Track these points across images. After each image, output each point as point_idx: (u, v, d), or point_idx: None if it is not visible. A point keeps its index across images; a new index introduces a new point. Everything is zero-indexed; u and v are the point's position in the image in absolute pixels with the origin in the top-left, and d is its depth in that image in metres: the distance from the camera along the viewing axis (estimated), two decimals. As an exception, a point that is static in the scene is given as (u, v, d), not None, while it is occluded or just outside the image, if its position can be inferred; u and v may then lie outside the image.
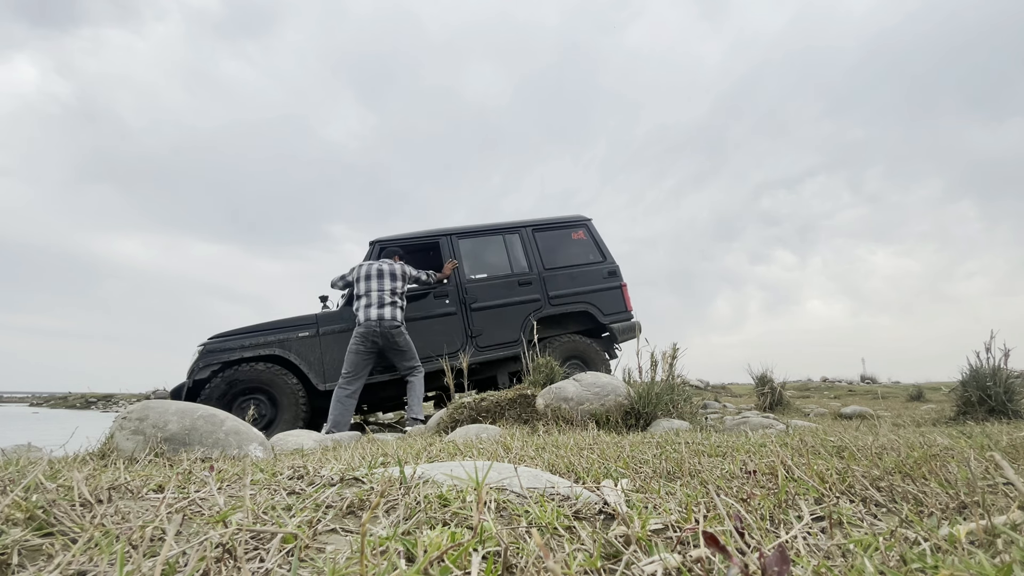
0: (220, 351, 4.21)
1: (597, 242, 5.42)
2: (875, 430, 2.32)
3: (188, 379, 4.18)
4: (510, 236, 5.20)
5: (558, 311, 5.01)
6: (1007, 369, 3.26)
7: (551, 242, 5.28)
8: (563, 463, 1.31)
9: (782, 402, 5.67)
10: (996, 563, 0.55)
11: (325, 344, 4.44)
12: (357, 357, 4.05)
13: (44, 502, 0.72)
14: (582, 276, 5.20)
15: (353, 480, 1.02)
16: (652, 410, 2.98)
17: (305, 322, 4.49)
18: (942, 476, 1.03)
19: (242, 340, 4.28)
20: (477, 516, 0.60)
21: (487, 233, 5.16)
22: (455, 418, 3.17)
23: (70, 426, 2.17)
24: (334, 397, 3.98)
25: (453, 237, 5.00)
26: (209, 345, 4.24)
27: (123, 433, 1.94)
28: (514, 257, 5.13)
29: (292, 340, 4.38)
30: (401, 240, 4.87)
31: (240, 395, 4.15)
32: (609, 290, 5.22)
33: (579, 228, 5.43)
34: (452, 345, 4.69)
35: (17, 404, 20.79)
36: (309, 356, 4.38)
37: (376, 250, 4.74)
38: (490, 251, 5.14)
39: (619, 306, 5.21)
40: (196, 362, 4.18)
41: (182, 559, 0.60)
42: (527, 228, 5.25)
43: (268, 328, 4.40)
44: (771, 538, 0.72)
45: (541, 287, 5.04)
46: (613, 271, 5.32)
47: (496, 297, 4.91)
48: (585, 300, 5.11)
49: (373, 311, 4.08)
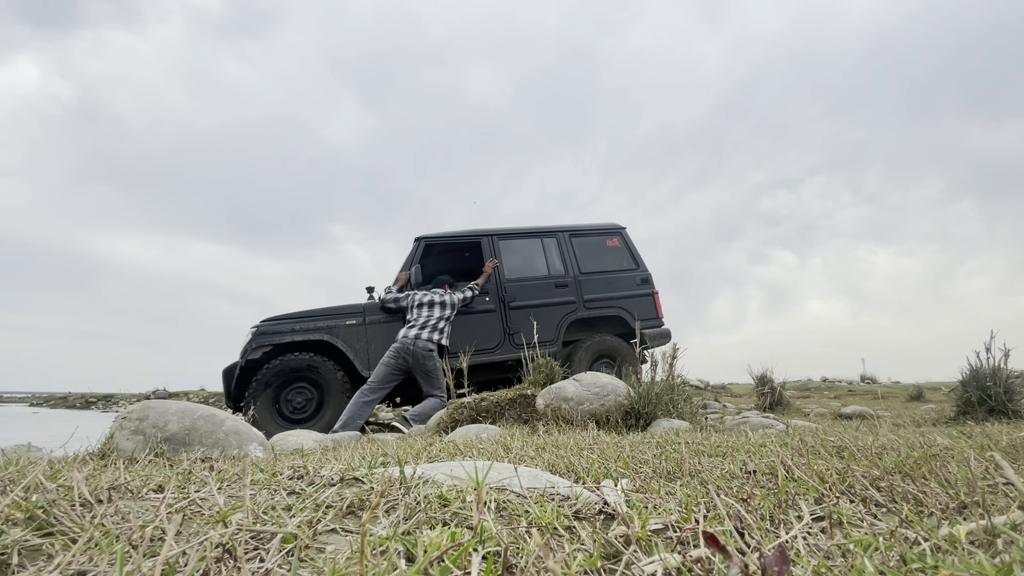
0: (272, 333, 4.38)
1: (631, 250, 5.60)
2: (875, 430, 2.32)
3: (241, 359, 4.34)
4: (548, 240, 5.39)
5: (592, 314, 5.18)
6: (1007, 369, 3.25)
7: (587, 248, 5.47)
8: (563, 463, 1.31)
9: (782, 402, 5.67)
10: (996, 563, 0.55)
11: (371, 333, 4.62)
12: (386, 370, 4.16)
13: (44, 502, 0.72)
14: (616, 282, 5.38)
15: (353, 480, 1.02)
16: (652, 410, 2.98)
17: (353, 311, 4.67)
18: (942, 476, 1.03)
19: (293, 324, 4.46)
20: (477, 516, 0.60)
21: (526, 236, 5.35)
22: (455, 418, 3.17)
23: (70, 426, 2.17)
24: (353, 399, 4.05)
25: (494, 238, 5.19)
26: (262, 327, 4.41)
27: (123, 433, 1.94)
28: (551, 260, 5.31)
29: (340, 327, 4.55)
30: (445, 238, 5.07)
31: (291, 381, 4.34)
32: (642, 296, 5.40)
33: (614, 236, 5.62)
34: (490, 341, 4.86)
35: (17, 404, 20.79)
36: (355, 344, 4.55)
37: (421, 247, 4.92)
38: (529, 253, 5.32)
39: (651, 312, 5.37)
40: (249, 343, 4.34)
41: (182, 559, 0.60)
42: (564, 233, 5.45)
43: (318, 314, 4.57)
44: (771, 538, 0.72)
45: (576, 290, 5.21)
46: (646, 279, 5.49)
47: (533, 297, 5.08)
48: (618, 305, 5.28)
49: (413, 331, 4.25)
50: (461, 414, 3.18)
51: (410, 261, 4.87)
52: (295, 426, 4.24)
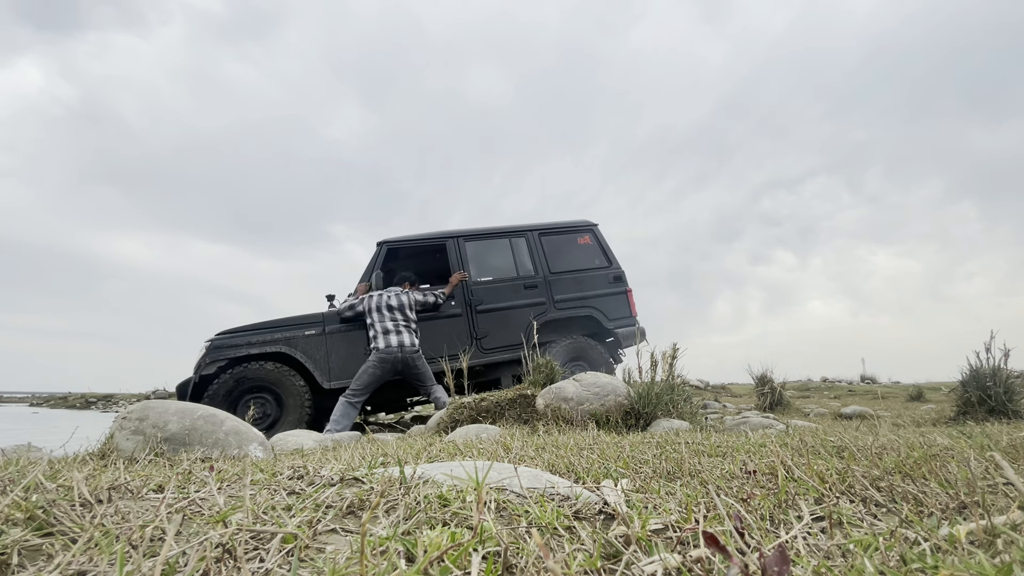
0: (227, 347, 4.24)
1: (603, 247, 5.44)
2: (875, 430, 2.32)
3: (195, 374, 4.21)
4: (516, 240, 5.22)
5: (563, 315, 5.03)
6: (1007, 369, 3.25)
7: (557, 246, 5.31)
8: (563, 463, 1.31)
9: (782, 402, 5.66)
10: (996, 563, 0.55)
11: (331, 343, 4.47)
12: (371, 379, 4.11)
13: (44, 502, 0.72)
14: (587, 281, 5.23)
15: (353, 480, 1.02)
16: (652, 410, 2.98)
17: (311, 320, 4.52)
18: (942, 476, 1.03)
19: (249, 337, 4.31)
20: (477, 516, 0.60)
21: (493, 236, 5.18)
22: (455, 418, 3.17)
23: (70, 426, 2.17)
24: (339, 403, 4.03)
25: (460, 240, 5.01)
26: (216, 341, 4.26)
27: (123, 433, 1.94)
28: (520, 261, 5.15)
29: (298, 338, 4.41)
30: (408, 241, 4.90)
31: (246, 393, 4.18)
32: (614, 295, 5.25)
33: (585, 233, 5.46)
34: (456, 346, 4.69)
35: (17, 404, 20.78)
36: (315, 354, 4.41)
37: (383, 251, 4.76)
38: (496, 254, 5.16)
39: (624, 311, 5.23)
40: (203, 357, 4.21)
41: (182, 559, 0.60)
42: (533, 232, 5.28)
43: (275, 325, 4.42)
44: (771, 538, 0.72)
45: (547, 291, 5.06)
46: (618, 276, 5.35)
47: (502, 300, 4.94)
48: (590, 305, 5.13)
49: (393, 338, 4.18)
50: (461, 414, 3.18)
51: (371, 267, 4.69)
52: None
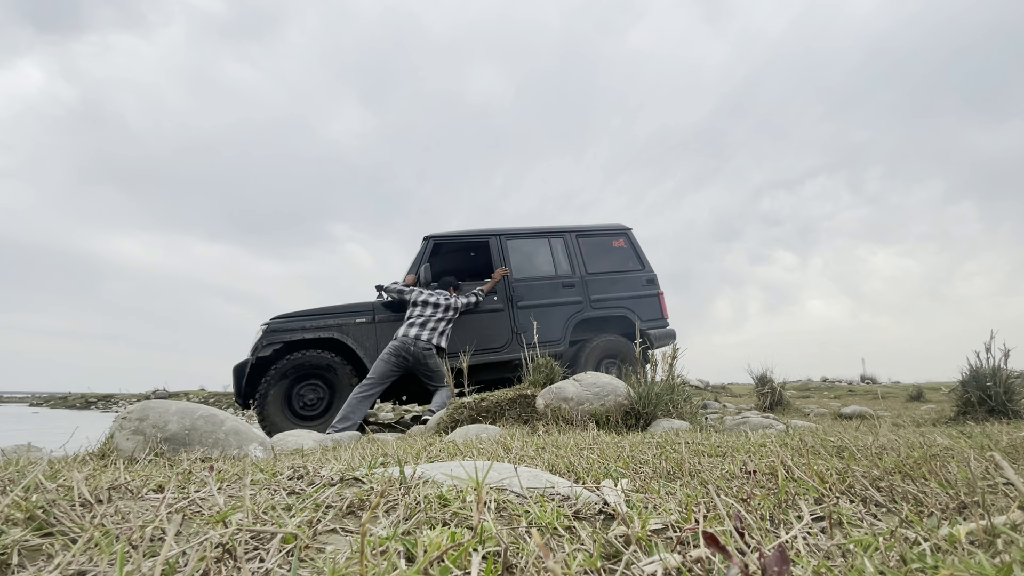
0: (283, 330, 4.40)
1: (637, 251, 5.63)
2: (875, 430, 2.32)
3: (252, 356, 4.36)
4: (555, 240, 5.42)
5: (598, 314, 5.20)
6: (1007, 369, 3.25)
7: (593, 248, 5.50)
8: (563, 463, 1.31)
9: (782, 402, 5.66)
10: (996, 563, 0.55)
11: (381, 331, 4.64)
12: (385, 367, 4.17)
13: (44, 502, 0.72)
14: (622, 282, 5.40)
15: (353, 480, 1.02)
16: (652, 410, 2.98)
17: (363, 309, 4.70)
18: (942, 476, 1.03)
19: (303, 322, 4.47)
20: (477, 516, 0.60)
21: (534, 236, 5.37)
22: (455, 418, 3.17)
23: (70, 426, 2.17)
24: (351, 396, 4.07)
25: (502, 238, 5.21)
26: (272, 324, 4.43)
27: (123, 433, 1.94)
28: (558, 260, 5.34)
29: (350, 325, 4.58)
30: (453, 237, 5.09)
31: (301, 379, 4.38)
32: (647, 297, 5.43)
33: (620, 236, 5.65)
34: (498, 340, 4.88)
35: (17, 404, 20.78)
36: (365, 342, 4.57)
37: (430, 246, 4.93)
38: (536, 253, 5.35)
39: (656, 313, 5.41)
40: (260, 340, 4.36)
41: (182, 559, 0.60)
42: (571, 233, 5.48)
43: (328, 312, 4.59)
44: (771, 538, 0.72)
45: (583, 290, 5.24)
46: (651, 279, 5.52)
47: (541, 297, 5.11)
48: (624, 305, 5.30)
49: (412, 330, 4.26)
50: (461, 414, 3.18)
51: (419, 261, 4.88)
52: (306, 423, 4.29)
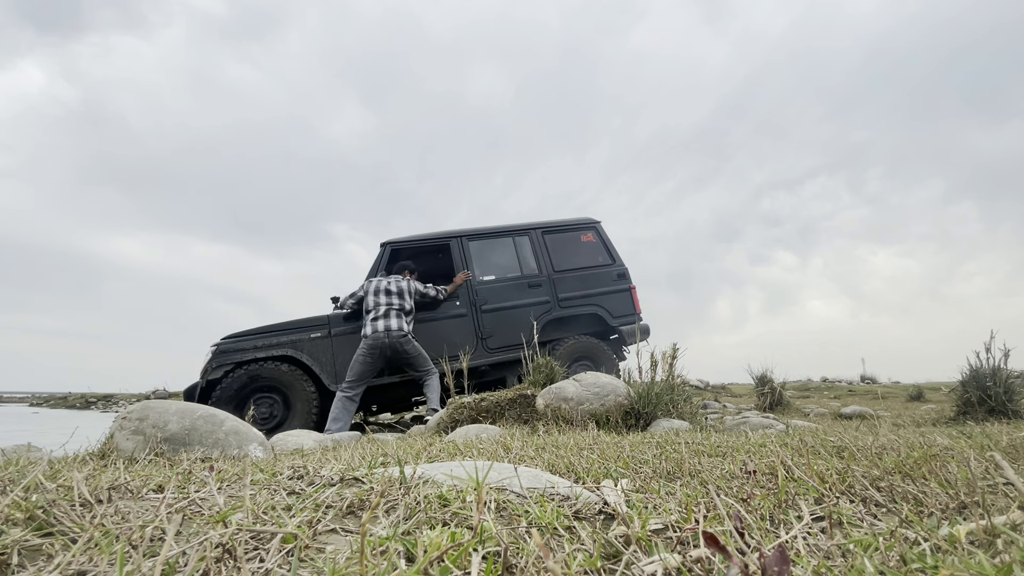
0: (233, 351, 4.23)
1: (606, 245, 5.45)
2: (875, 430, 2.32)
3: (201, 379, 4.21)
4: (520, 238, 5.23)
5: (568, 313, 5.04)
6: (1007, 369, 3.25)
7: (561, 244, 5.32)
8: (563, 463, 1.31)
9: (782, 402, 5.66)
10: (996, 563, 0.55)
11: (337, 345, 4.47)
12: (363, 367, 4.13)
13: (44, 502, 0.72)
14: (591, 279, 5.24)
15: (353, 480, 1.02)
16: (652, 410, 2.98)
17: (317, 323, 4.52)
18: (942, 476, 1.03)
19: (255, 340, 4.31)
20: (477, 516, 0.60)
21: (497, 235, 5.18)
22: (455, 418, 3.17)
23: (70, 426, 2.17)
24: (336, 398, 4.05)
25: (463, 239, 5.01)
26: (222, 345, 4.26)
27: (123, 433, 1.94)
28: (524, 259, 5.16)
29: (304, 341, 4.41)
30: (411, 242, 4.90)
31: (253, 395, 4.17)
32: (618, 292, 5.27)
33: (588, 231, 5.46)
34: (462, 347, 4.70)
35: (17, 404, 20.78)
36: (321, 357, 4.41)
37: (387, 252, 4.76)
38: (500, 253, 5.17)
39: (628, 309, 5.25)
40: (209, 362, 4.20)
41: (182, 559, 0.60)
42: (537, 230, 5.28)
43: (280, 329, 4.42)
44: (771, 538, 0.72)
45: (551, 289, 5.07)
46: (622, 274, 5.36)
47: (506, 299, 4.94)
48: (594, 302, 5.15)
49: (380, 323, 4.17)
50: (461, 414, 3.18)
51: (376, 268, 4.71)
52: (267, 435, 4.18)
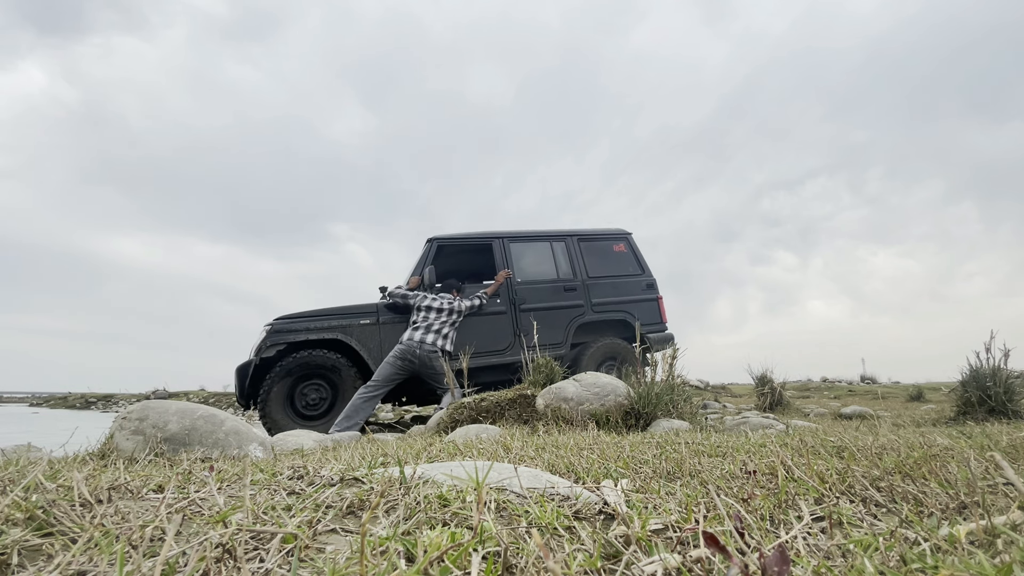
0: (287, 331, 4.40)
1: (636, 255, 5.71)
2: (875, 430, 2.32)
3: (255, 356, 4.35)
4: (557, 243, 5.49)
5: (599, 318, 5.27)
6: (1007, 369, 3.25)
7: (594, 252, 5.58)
8: (563, 463, 1.31)
9: (782, 402, 5.66)
10: (996, 563, 0.55)
11: (384, 332, 4.65)
12: (391, 370, 4.21)
13: (44, 502, 0.72)
14: (622, 286, 5.49)
15: (353, 480, 1.02)
16: (652, 410, 2.98)
17: (367, 310, 4.71)
18: (942, 476, 1.03)
19: (307, 323, 4.48)
20: (477, 516, 0.60)
21: (536, 239, 5.44)
22: (455, 418, 3.16)
23: (70, 426, 2.17)
24: (355, 397, 4.09)
25: (505, 240, 5.27)
26: (276, 325, 4.42)
27: (123, 433, 1.94)
28: (560, 264, 5.41)
29: (354, 326, 4.59)
30: (456, 239, 5.13)
31: (304, 379, 4.37)
32: (647, 301, 5.52)
33: (620, 241, 5.74)
34: (501, 342, 4.93)
35: (17, 404, 20.78)
36: (369, 343, 4.58)
37: (433, 248, 4.97)
38: (539, 256, 5.41)
39: (655, 317, 5.49)
40: (263, 340, 4.36)
41: (182, 559, 0.60)
42: (573, 237, 5.55)
43: (332, 313, 4.60)
44: (771, 538, 0.72)
45: (585, 294, 5.31)
46: (651, 284, 5.61)
47: (543, 300, 5.17)
48: (624, 309, 5.38)
49: (419, 334, 4.32)
50: (461, 414, 3.18)
51: (422, 263, 4.91)
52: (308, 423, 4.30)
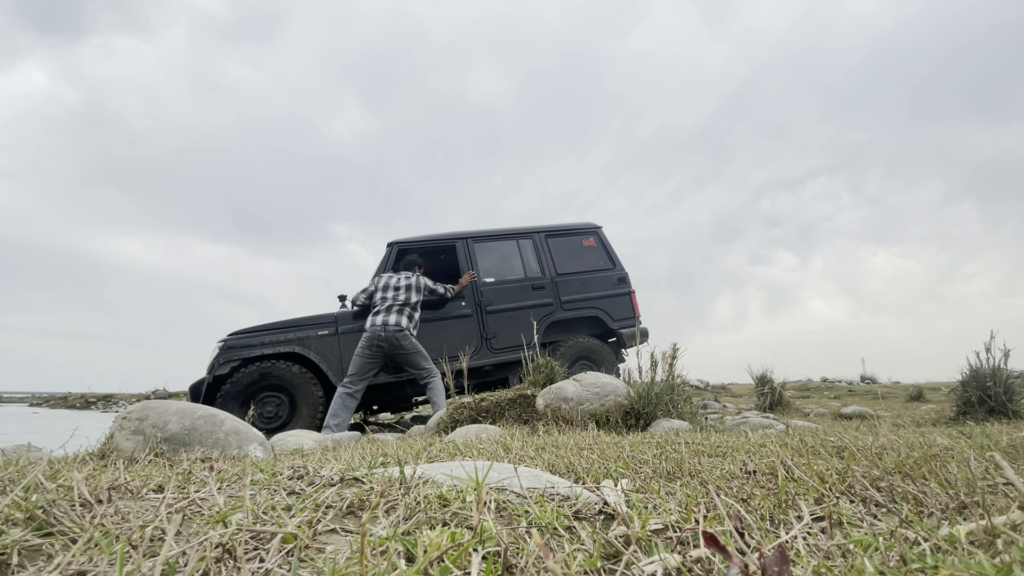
0: (240, 347, 4.25)
1: (607, 249, 5.58)
2: (875, 430, 2.32)
3: (208, 374, 4.22)
4: (524, 241, 5.34)
5: (569, 316, 5.14)
6: (1007, 369, 3.25)
7: (563, 248, 5.43)
8: (563, 463, 1.31)
9: (782, 402, 5.66)
10: (996, 563, 0.55)
11: (344, 343, 4.50)
12: (362, 360, 4.12)
13: (44, 502, 0.72)
14: (592, 282, 5.35)
15: (353, 480, 1.02)
16: (652, 410, 2.98)
17: (324, 321, 4.55)
18: (942, 476, 1.03)
19: (262, 337, 4.33)
20: (477, 516, 0.60)
21: (502, 238, 5.29)
22: (455, 418, 3.16)
23: (70, 426, 2.17)
24: (336, 395, 4.03)
25: (469, 241, 5.11)
26: (229, 341, 4.28)
27: (123, 433, 1.94)
28: (527, 262, 5.27)
29: (311, 338, 4.44)
30: (418, 242, 4.96)
31: (259, 392, 4.20)
32: (618, 296, 5.38)
33: (590, 235, 5.59)
34: (467, 346, 4.78)
35: (17, 404, 20.77)
36: (328, 355, 4.44)
37: (394, 252, 4.82)
38: (505, 255, 5.27)
39: (628, 312, 5.36)
40: (216, 357, 4.22)
41: (182, 559, 0.60)
42: (540, 234, 5.40)
43: (288, 326, 4.45)
44: (771, 538, 0.72)
45: (553, 292, 5.17)
46: (622, 278, 5.48)
47: (510, 300, 5.03)
48: (595, 306, 5.25)
49: (380, 317, 4.18)
50: (461, 414, 3.18)
51: (382, 268, 4.76)
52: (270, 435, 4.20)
